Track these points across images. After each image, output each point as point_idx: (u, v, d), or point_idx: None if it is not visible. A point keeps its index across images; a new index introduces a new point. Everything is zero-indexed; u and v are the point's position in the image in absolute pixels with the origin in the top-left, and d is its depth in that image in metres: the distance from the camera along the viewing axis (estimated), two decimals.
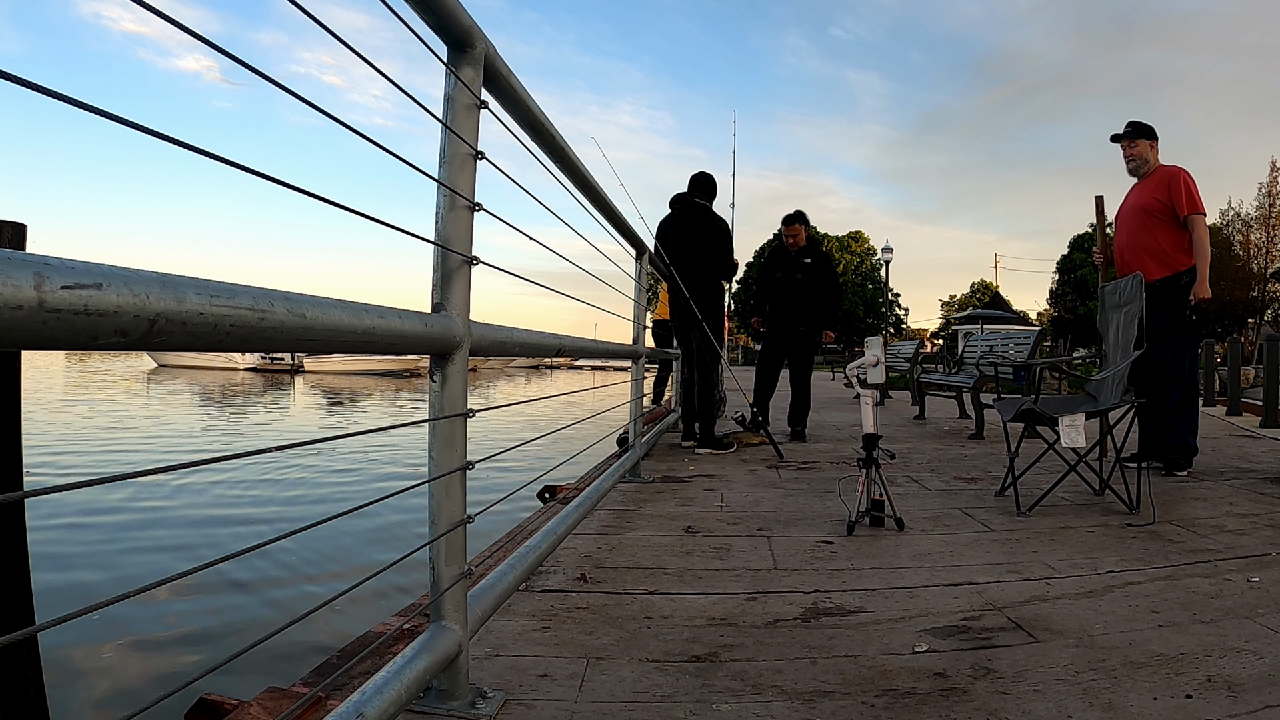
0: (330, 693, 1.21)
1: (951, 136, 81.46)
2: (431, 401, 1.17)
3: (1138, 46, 71.09)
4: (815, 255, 5.12)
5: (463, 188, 1.17)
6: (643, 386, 3.65)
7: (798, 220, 5.12)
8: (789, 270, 5.10)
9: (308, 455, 7.35)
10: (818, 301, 5.08)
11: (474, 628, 1.26)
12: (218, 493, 5.92)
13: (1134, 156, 3.61)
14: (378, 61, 0.90)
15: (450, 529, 1.16)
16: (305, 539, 4.16)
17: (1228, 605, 1.72)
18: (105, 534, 4.62)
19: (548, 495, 3.45)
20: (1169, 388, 3.46)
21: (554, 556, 2.12)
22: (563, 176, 1.93)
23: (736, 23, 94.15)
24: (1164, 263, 3.46)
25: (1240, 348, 8.51)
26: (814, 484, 3.36)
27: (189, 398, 16.58)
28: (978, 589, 1.87)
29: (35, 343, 0.49)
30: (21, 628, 0.87)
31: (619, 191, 7.54)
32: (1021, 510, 2.69)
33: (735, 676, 1.37)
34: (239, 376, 26.15)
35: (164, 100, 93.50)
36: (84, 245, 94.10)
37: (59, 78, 76.65)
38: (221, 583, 3.62)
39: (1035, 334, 5.84)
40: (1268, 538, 2.36)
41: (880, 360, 2.57)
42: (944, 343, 26.68)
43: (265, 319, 0.69)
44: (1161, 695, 1.26)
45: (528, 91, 1.44)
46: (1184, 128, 60.63)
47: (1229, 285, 28.24)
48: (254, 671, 2.50)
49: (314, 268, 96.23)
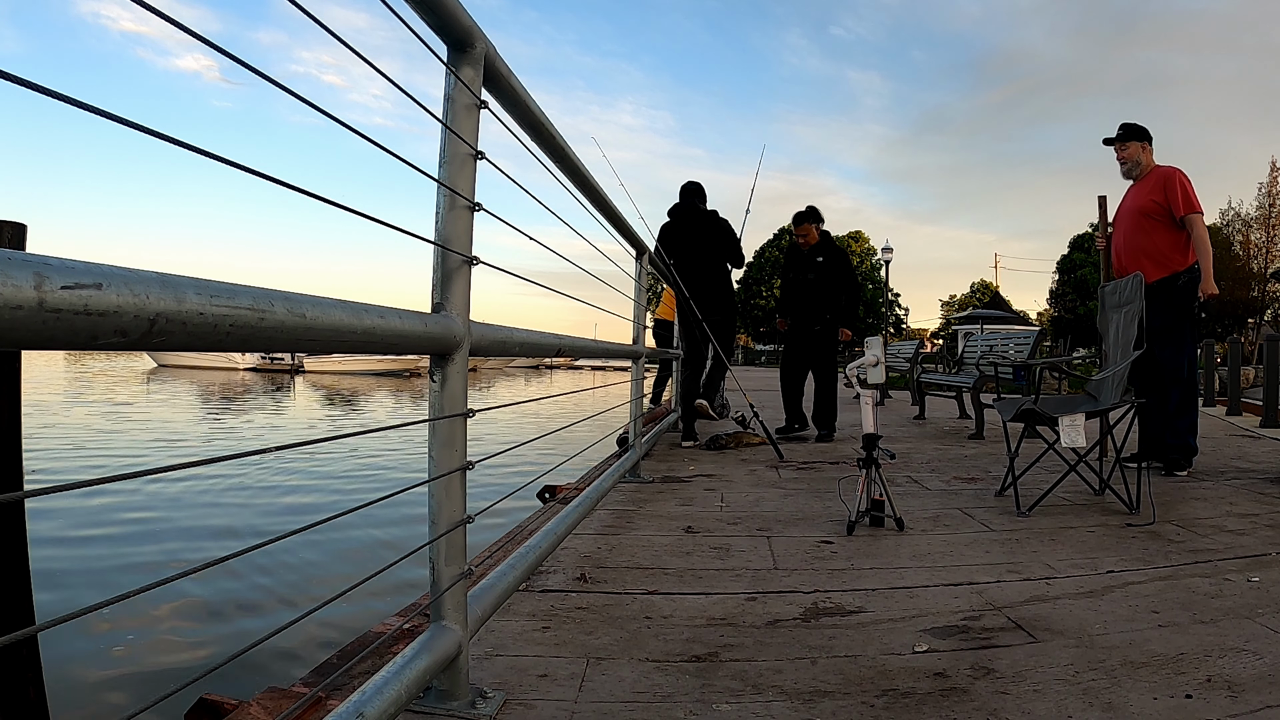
0: (330, 693, 1.21)
1: (952, 136, 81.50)
2: (431, 401, 1.17)
3: (1139, 46, 71.14)
4: (828, 253, 5.07)
5: (463, 188, 1.17)
6: (643, 386, 3.65)
7: (808, 219, 5.06)
8: (801, 270, 5.07)
9: (308, 455, 7.35)
10: (833, 300, 5.00)
11: (474, 628, 1.26)
12: (218, 492, 5.92)
13: (1125, 159, 3.65)
14: (377, 61, 0.90)
15: (450, 529, 1.16)
16: (305, 539, 4.17)
17: (1228, 605, 1.72)
18: (105, 534, 4.62)
19: (548, 495, 3.45)
20: (1168, 388, 3.46)
21: (554, 556, 2.12)
22: (563, 176, 1.93)
23: (737, 22, 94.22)
24: (1161, 264, 3.46)
25: (1240, 348, 8.51)
26: (814, 484, 3.36)
27: (189, 398, 16.58)
28: (978, 589, 1.87)
29: (35, 343, 0.49)
30: (21, 628, 0.87)
31: (619, 191, 7.48)
32: (1021, 510, 2.69)
33: (735, 676, 1.37)
34: (239, 376, 26.15)
35: (163, 100, 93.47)
36: (84, 245, 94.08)
37: (58, 77, 76.58)
38: (222, 583, 3.62)
39: (1035, 334, 5.84)
40: (1268, 538, 2.36)
41: (880, 360, 2.57)
42: (944, 343, 26.69)
43: (265, 319, 0.69)
44: (1161, 695, 1.26)
45: (528, 91, 1.44)
46: (1185, 128, 60.70)
47: (1229, 285, 28.22)
48: (254, 671, 2.50)
49: (314, 268, 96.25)
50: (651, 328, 6.72)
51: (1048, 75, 78.86)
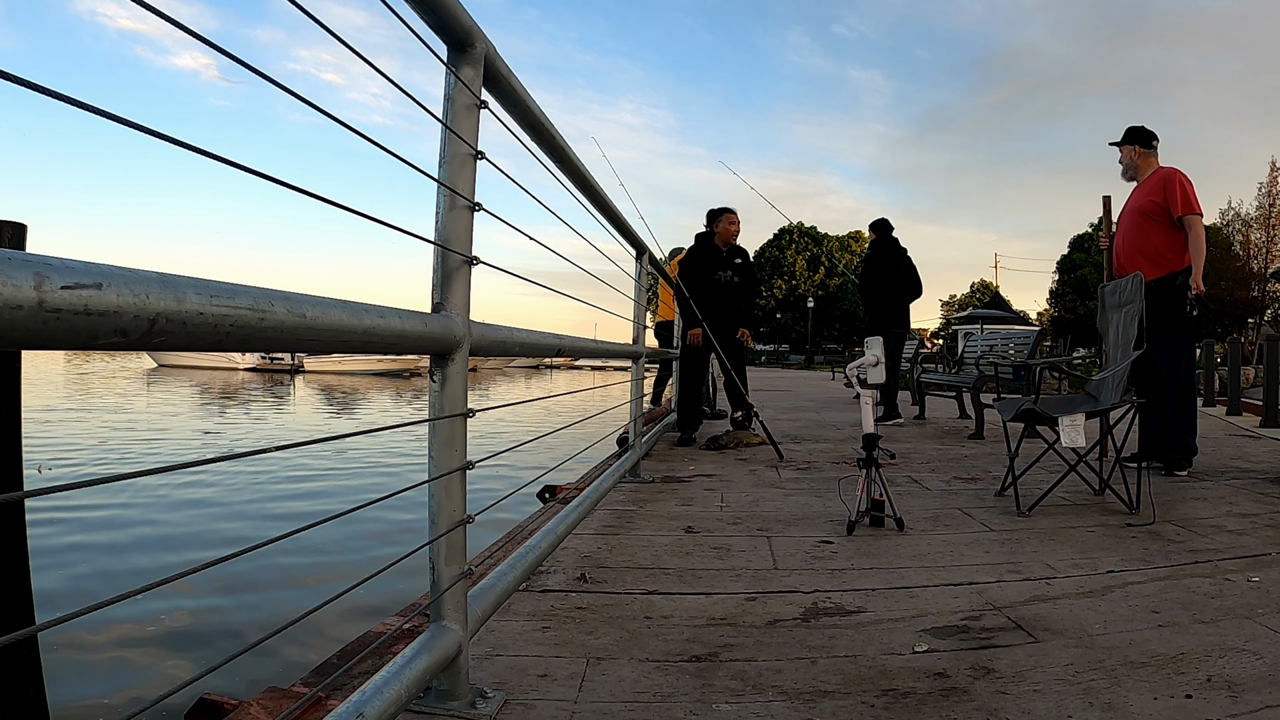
0: (330, 693, 1.21)
1: (954, 135, 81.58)
2: (431, 401, 1.17)
3: (1142, 44, 71.19)
4: (744, 253, 4.83)
5: (463, 188, 1.17)
6: (643, 386, 3.65)
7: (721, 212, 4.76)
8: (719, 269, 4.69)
9: (307, 455, 7.35)
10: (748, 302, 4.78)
11: (474, 628, 1.26)
12: (217, 493, 5.92)
13: (1121, 161, 3.75)
14: (376, 60, 0.90)
15: (450, 529, 1.16)
16: (305, 539, 4.16)
17: (1228, 605, 1.72)
18: (105, 534, 4.62)
19: (548, 495, 3.45)
20: (1165, 388, 3.47)
21: (554, 556, 2.12)
22: (563, 176, 1.93)
23: (739, 20, 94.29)
24: (1158, 263, 3.47)
25: (1240, 348, 8.51)
26: (814, 484, 3.36)
27: (189, 398, 16.58)
28: (978, 589, 1.86)
29: (35, 343, 0.49)
30: (21, 628, 0.87)
31: (619, 191, 7.49)
32: (1021, 510, 2.69)
33: (735, 676, 1.37)
34: (239, 376, 26.15)
35: (162, 98, 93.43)
36: (84, 245, 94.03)
37: (55, 76, 76.64)
38: (222, 583, 3.62)
39: (1035, 334, 5.83)
40: (1268, 538, 2.36)
41: (880, 360, 2.57)
42: (944, 343, 26.67)
43: (265, 319, 0.69)
44: (1161, 695, 1.26)
45: (528, 91, 1.44)
46: (1187, 127, 60.74)
47: (1229, 285, 28.24)
48: (254, 671, 2.50)
49: (314, 268, 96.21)
50: (652, 329, 6.73)
51: (1051, 74, 78.98)
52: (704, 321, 4.56)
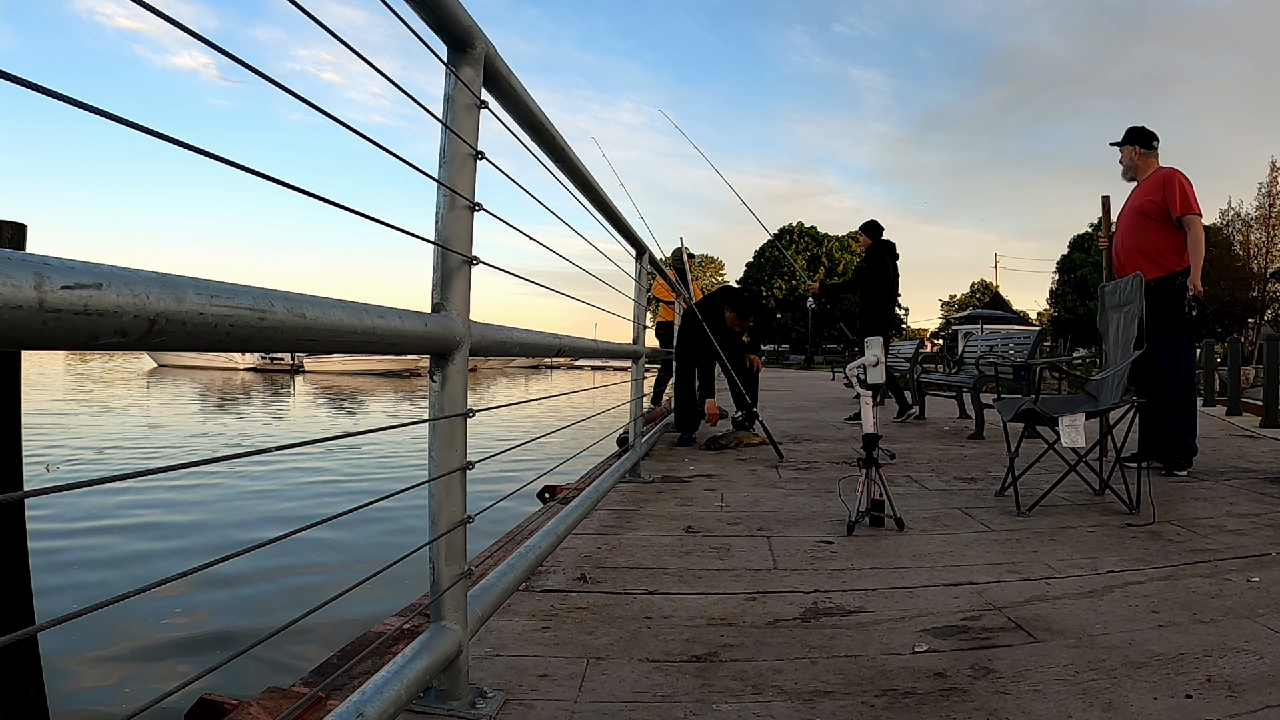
0: (330, 693, 1.21)
1: (955, 135, 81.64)
2: (431, 401, 1.17)
3: (1144, 44, 71.21)
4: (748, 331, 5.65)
5: (463, 188, 1.17)
6: (643, 386, 3.65)
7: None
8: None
9: (307, 455, 7.35)
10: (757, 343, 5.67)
11: (474, 628, 1.26)
12: (217, 493, 5.91)
13: (1122, 162, 3.76)
14: (376, 59, 0.90)
15: (450, 529, 1.16)
16: (305, 539, 4.16)
17: (1228, 605, 1.72)
18: (105, 534, 4.62)
19: (548, 495, 3.45)
20: (1165, 388, 3.47)
21: (554, 556, 2.12)
22: (563, 176, 1.93)
23: (739, 19, 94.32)
24: (1158, 263, 3.47)
25: (1240, 348, 8.51)
26: (814, 484, 3.36)
27: (189, 398, 16.57)
28: (978, 589, 1.86)
29: (35, 343, 0.49)
30: (21, 628, 0.87)
31: (619, 191, 7.47)
32: (1021, 510, 2.69)
33: (735, 676, 1.37)
34: (239, 376, 26.15)
35: (161, 98, 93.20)
36: (84, 245, 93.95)
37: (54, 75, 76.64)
38: (222, 582, 3.62)
39: (1035, 334, 5.83)
40: (1268, 538, 2.36)
41: (880, 360, 2.57)
42: (944, 343, 26.66)
43: (265, 319, 0.69)
44: (1161, 695, 1.26)
45: (528, 91, 1.44)
46: (1188, 127, 60.80)
47: (1229, 285, 28.23)
48: (254, 671, 2.50)
49: (314, 268, 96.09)
50: (653, 329, 6.73)
51: (1052, 74, 79.01)
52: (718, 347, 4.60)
